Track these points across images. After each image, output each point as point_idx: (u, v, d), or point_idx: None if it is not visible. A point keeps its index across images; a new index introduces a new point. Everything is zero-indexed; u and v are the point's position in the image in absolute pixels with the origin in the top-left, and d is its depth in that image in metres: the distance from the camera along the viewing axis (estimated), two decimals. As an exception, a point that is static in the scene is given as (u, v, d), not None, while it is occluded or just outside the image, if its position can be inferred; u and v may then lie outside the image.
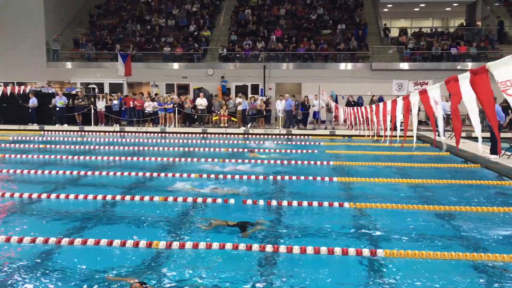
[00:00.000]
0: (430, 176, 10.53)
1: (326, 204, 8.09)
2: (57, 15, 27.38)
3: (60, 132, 19.30)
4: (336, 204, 8.08)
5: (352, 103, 20.77)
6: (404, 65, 24.19)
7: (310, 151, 14.78)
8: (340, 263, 5.57)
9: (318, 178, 10.30)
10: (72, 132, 19.35)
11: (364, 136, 16.93)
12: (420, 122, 18.38)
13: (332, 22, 27.58)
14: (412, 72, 23.53)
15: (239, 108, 20.83)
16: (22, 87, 21.31)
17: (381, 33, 26.80)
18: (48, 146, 15.59)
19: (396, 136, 8.54)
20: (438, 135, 14.88)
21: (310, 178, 10.34)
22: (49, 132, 19.33)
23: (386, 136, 8.77)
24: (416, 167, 11.89)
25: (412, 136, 7.71)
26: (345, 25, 27.01)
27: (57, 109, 20.31)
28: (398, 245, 6.12)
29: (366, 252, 5.75)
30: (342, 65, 24.55)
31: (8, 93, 20.54)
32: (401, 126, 7.87)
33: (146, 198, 8.42)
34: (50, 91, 22.10)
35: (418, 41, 25.53)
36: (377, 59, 24.50)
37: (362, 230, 6.87)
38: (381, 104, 9.13)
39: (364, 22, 26.97)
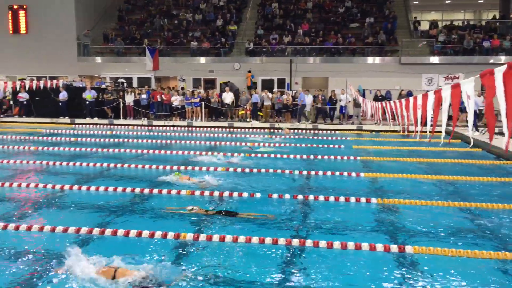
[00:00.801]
0: (461, 172, 10.29)
1: (353, 199, 8.03)
2: (88, 11, 27.93)
3: (90, 125, 19.73)
4: (363, 199, 8.01)
5: (380, 97, 20.46)
6: (435, 59, 23.64)
7: (336, 146, 14.67)
8: (367, 259, 5.52)
9: (345, 173, 10.22)
10: (101, 126, 19.76)
11: (392, 131, 16.70)
12: (450, 117, 17.93)
13: (361, 15, 27.17)
14: (443, 66, 22.98)
15: (252, 101, 20.80)
16: (54, 81, 21.86)
17: (410, 26, 26.25)
18: (79, 139, 15.96)
19: (426, 132, 8.37)
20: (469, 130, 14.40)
21: (337, 173, 10.26)
22: (80, 125, 19.79)
23: (417, 131, 8.60)
24: (446, 163, 11.64)
25: (441, 132, 7.56)
26: (374, 18, 26.58)
27: (87, 102, 20.75)
28: (427, 242, 6.01)
29: (394, 248, 5.67)
30: (370, 59, 24.18)
31: (41, 87, 21.09)
32: (431, 121, 7.70)
33: (173, 191, 8.53)
34: (81, 85, 22.59)
35: (449, 34, 24.89)
36: (406, 52, 24.02)
37: (390, 226, 6.78)
38: (411, 99, 8.94)
39: (393, 15, 26.48)
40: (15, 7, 26.86)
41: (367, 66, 23.83)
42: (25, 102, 21.26)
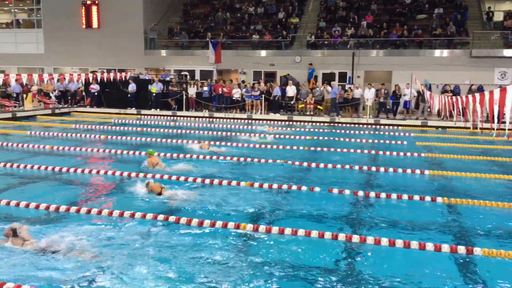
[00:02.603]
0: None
1: (416, 197, 7.76)
2: (154, 6, 28.88)
3: (155, 116, 20.48)
4: (428, 198, 7.71)
5: (449, 92, 19.50)
6: (509, 52, 22.09)
7: (399, 142, 14.23)
8: (432, 259, 5.33)
9: (408, 171, 9.90)
10: (165, 117, 20.47)
11: (460, 127, 15.92)
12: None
13: (429, 6, 25.98)
14: (518, 59, 21.48)
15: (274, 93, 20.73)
16: (123, 74, 22.88)
17: (483, 17, 24.72)
18: (144, 129, 16.63)
19: (504, 129, 7.84)
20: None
21: (399, 170, 9.96)
22: (145, 116, 20.60)
23: (493, 128, 8.08)
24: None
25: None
26: (443, 8, 25.30)
27: (153, 94, 21.56)
28: (497, 244, 5.70)
29: (461, 249, 5.43)
30: (438, 52, 23.07)
31: (111, 79, 22.15)
32: (510, 117, 7.19)
33: (233, 182, 8.67)
34: (147, 77, 23.48)
35: (526, 25, 23.18)
36: (477, 45, 22.66)
37: (456, 227, 6.50)
38: (486, 93, 8.37)
39: (464, 5, 25.07)
40: (88, 2, 28.31)
41: (434, 59, 22.76)
42: (96, 93, 22.45)
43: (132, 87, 21.71)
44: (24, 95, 22.23)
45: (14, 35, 30.97)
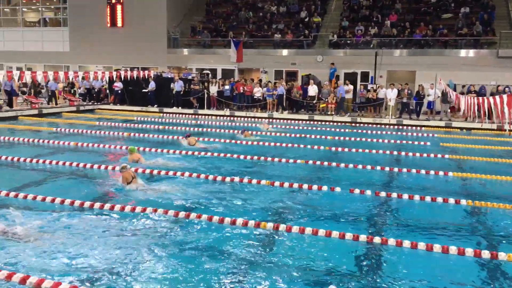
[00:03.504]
0: None
1: (440, 199, 7.63)
2: (177, 4, 29.12)
3: (177, 115, 20.66)
4: (451, 200, 7.58)
5: (473, 92, 19.10)
6: (538, 52, 21.53)
7: (422, 143, 14.02)
8: (455, 263, 5.24)
9: (432, 172, 9.75)
10: (187, 115, 20.62)
11: (486, 129, 15.62)
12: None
13: (454, 5, 25.49)
14: (548, 60, 20.88)
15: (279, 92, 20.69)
16: (146, 72, 23.17)
17: (511, 16, 24.12)
18: (166, 127, 16.79)
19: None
20: None
21: (422, 171, 9.82)
22: (167, 114, 20.80)
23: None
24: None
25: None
26: (469, 8, 24.79)
27: (174, 92, 21.75)
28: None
29: (486, 254, 5.32)
30: (463, 52, 22.61)
31: (135, 77, 22.43)
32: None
33: (254, 181, 8.69)
34: (170, 76, 23.70)
35: (556, 25, 22.53)
36: (505, 45, 22.11)
37: (481, 231, 6.37)
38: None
39: (491, 5, 24.50)
40: (113, 1, 28.73)
41: (460, 60, 22.32)
42: (119, 91, 22.78)
43: (151, 85, 21.94)
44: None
45: (41, 34, 31.70)
